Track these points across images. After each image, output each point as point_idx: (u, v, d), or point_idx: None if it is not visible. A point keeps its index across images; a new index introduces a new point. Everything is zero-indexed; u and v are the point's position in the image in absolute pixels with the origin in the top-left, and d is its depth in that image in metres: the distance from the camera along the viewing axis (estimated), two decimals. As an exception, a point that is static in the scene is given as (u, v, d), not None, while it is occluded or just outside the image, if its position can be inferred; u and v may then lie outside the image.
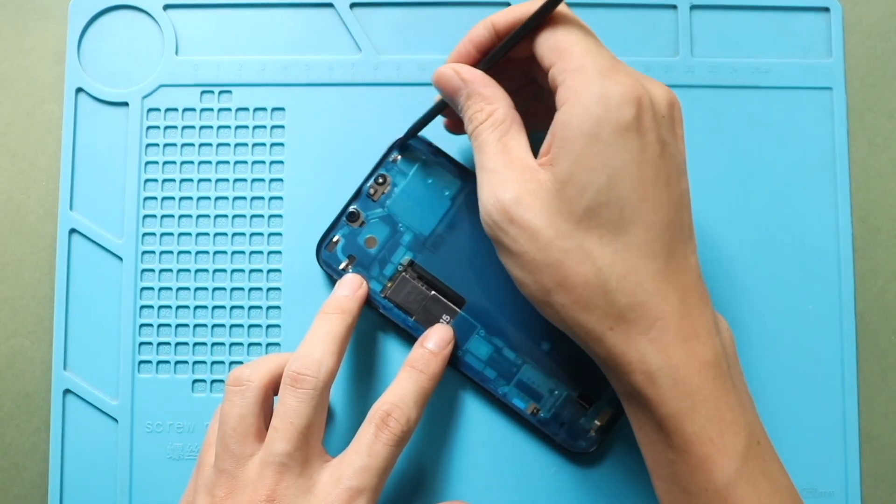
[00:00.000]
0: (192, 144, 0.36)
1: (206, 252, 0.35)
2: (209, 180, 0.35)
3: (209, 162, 0.36)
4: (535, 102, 0.31)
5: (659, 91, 0.27)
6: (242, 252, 0.35)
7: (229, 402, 0.29)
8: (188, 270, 0.35)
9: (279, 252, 0.35)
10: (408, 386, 0.30)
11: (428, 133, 0.34)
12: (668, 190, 0.26)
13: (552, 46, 0.27)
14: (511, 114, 0.28)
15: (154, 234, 0.35)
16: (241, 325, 0.35)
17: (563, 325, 0.27)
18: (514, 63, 0.29)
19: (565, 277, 0.26)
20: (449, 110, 0.31)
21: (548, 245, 0.26)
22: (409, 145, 0.34)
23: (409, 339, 0.34)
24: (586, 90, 0.25)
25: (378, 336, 0.35)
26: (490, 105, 0.28)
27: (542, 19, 0.27)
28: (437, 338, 0.32)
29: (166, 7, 0.36)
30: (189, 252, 0.35)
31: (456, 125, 0.33)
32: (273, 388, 0.30)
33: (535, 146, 0.28)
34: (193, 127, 0.36)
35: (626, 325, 0.26)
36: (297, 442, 0.28)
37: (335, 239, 0.34)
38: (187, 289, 0.35)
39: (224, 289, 0.35)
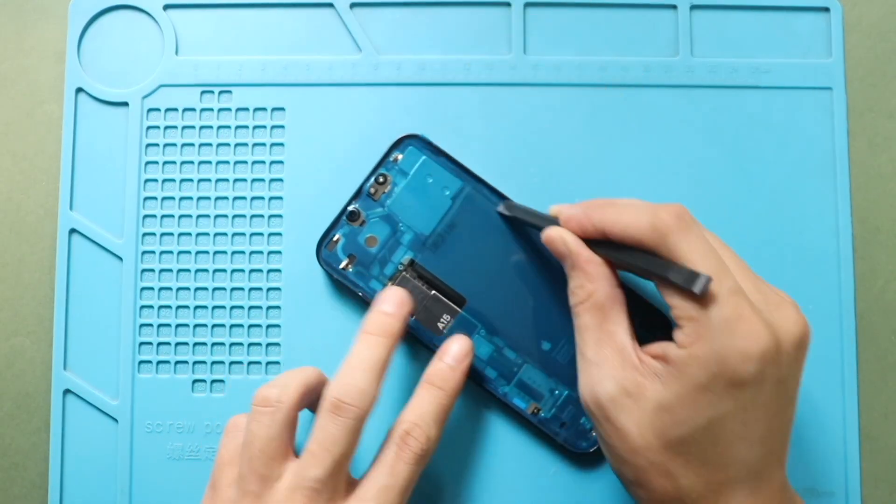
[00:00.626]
0: (192, 144, 0.36)
1: (206, 252, 0.35)
2: (209, 180, 0.35)
3: (209, 162, 0.36)
4: None
5: (790, 327, 0.26)
6: (242, 252, 0.35)
7: (257, 422, 0.28)
8: (188, 270, 0.35)
9: (279, 252, 0.35)
10: (427, 404, 0.30)
11: (428, 132, 0.34)
12: (771, 424, 0.26)
13: (672, 290, 0.27)
14: (612, 294, 0.28)
15: (154, 234, 0.35)
16: (241, 325, 0.35)
17: None
18: None
19: (647, 481, 0.27)
20: None
21: (635, 451, 0.26)
22: (410, 145, 0.34)
23: (409, 339, 0.34)
24: (704, 345, 0.25)
25: (378, 336, 0.35)
26: (591, 284, 0.28)
27: (676, 287, 0.26)
28: (454, 351, 0.31)
29: (166, 7, 0.36)
30: (189, 252, 0.35)
31: None
32: (301, 407, 0.29)
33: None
34: (193, 127, 0.36)
35: None
36: (331, 469, 0.27)
37: (335, 238, 0.34)
38: (187, 289, 0.35)
39: (224, 289, 0.35)
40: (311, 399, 0.30)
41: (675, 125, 0.36)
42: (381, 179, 0.34)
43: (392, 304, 0.31)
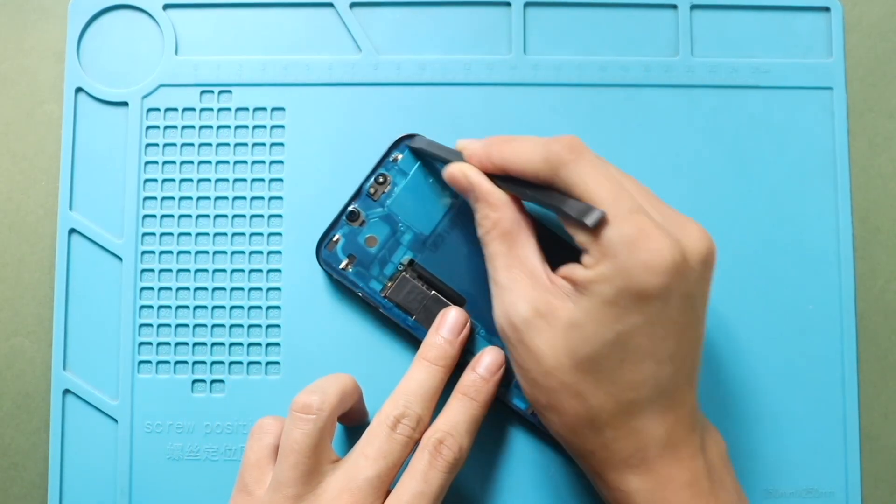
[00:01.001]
0: (192, 144, 0.36)
1: (206, 252, 0.35)
2: (209, 180, 0.35)
3: (209, 162, 0.36)
4: None
5: (695, 244, 0.26)
6: (242, 252, 0.35)
7: (300, 430, 0.28)
8: (188, 270, 0.35)
9: (279, 252, 0.35)
10: (459, 414, 0.30)
11: (428, 133, 0.34)
12: (679, 341, 0.26)
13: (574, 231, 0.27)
14: (518, 220, 0.29)
15: (154, 234, 0.35)
16: (241, 325, 0.35)
17: (554, 435, 0.29)
18: None
19: (559, 403, 0.27)
20: None
21: (548, 372, 0.27)
22: (410, 144, 0.34)
23: (409, 338, 0.34)
24: (609, 262, 0.26)
25: (378, 336, 0.34)
26: (495, 213, 0.29)
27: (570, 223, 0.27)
28: (487, 362, 0.32)
29: (166, 7, 0.36)
30: (189, 252, 0.35)
31: None
32: (339, 413, 0.30)
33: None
34: (193, 127, 0.36)
35: (609, 452, 0.27)
36: (382, 474, 0.28)
37: (335, 238, 0.34)
38: (187, 289, 0.35)
39: (224, 289, 0.35)
40: (346, 407, 0.30)
41: (675, 125, 0.36)
42: (381, 179, 0.34)
43: (450, 331, 0.32)
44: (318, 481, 0.28)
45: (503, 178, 0.30)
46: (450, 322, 0.32)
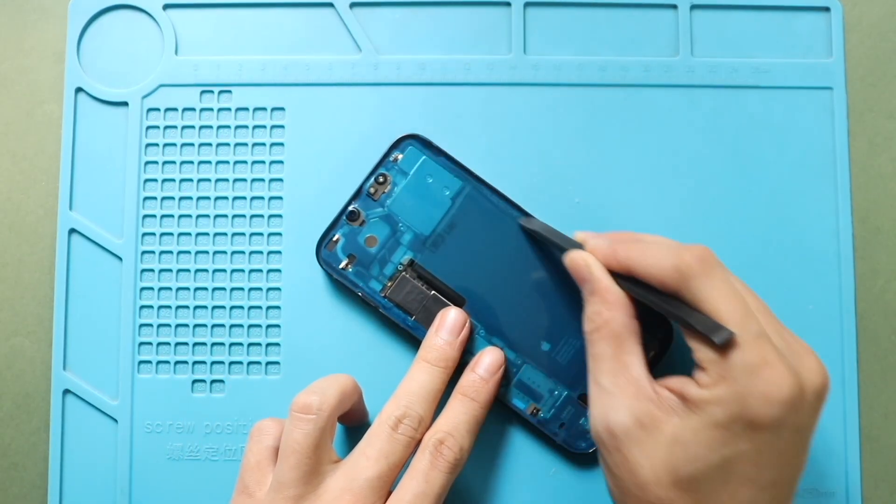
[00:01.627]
0: (192, 144, 0.36)
1: (206, 252, 0.35)
2: (209, 180, 0.35)
3: (209, 162, 0.36)
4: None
5: (812, 377, 0.26)
6: (242, 252, 0.35)
7: (300, 431, 0.28)
8: (188, 270, 0.35)
9: (279, 252, 0.35)
10: (460, 414, 0.30)
11: (428, 132, 0.34)
12: (783, 469, 0.26)
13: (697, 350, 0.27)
14: (629, 325, 0.28)
15: (154, 234, 0.35)
16: (240, 325, 0.35)
17: None
18: None
19: None
20: None
21: (643, 485, 0.26)
22: (410, 145, 0.34)
23: (409, 338, 0.34)
24: (727, 387, 0.25)
25: (378, 336, 0.34)
26: (609, 312, 0.28)
27: (702, 336, 0.26)
28: (487, 363, 0.32)
29: (166, 7, 0.36)
30: (189, 252, 0.35)
31: None
32: (339, 414, 0.30)
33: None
34: (193, 127, 0.36)
35: None
36: (384, 474, 0.28)
37: (335, 238, 0.34)
38: (187, 289, 0.35)
39: (224, 289, 0.35)
40: (345, 407, 0.31)
41: (675, 125, 0.36)
42: (381, 179, 0.34)
43: (450, 332, 0.32)
44: (319, 482, 0.28)
45: (624, 277, 0.29)
46: (449, 323, 0.32)
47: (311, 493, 0.28)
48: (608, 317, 0.28)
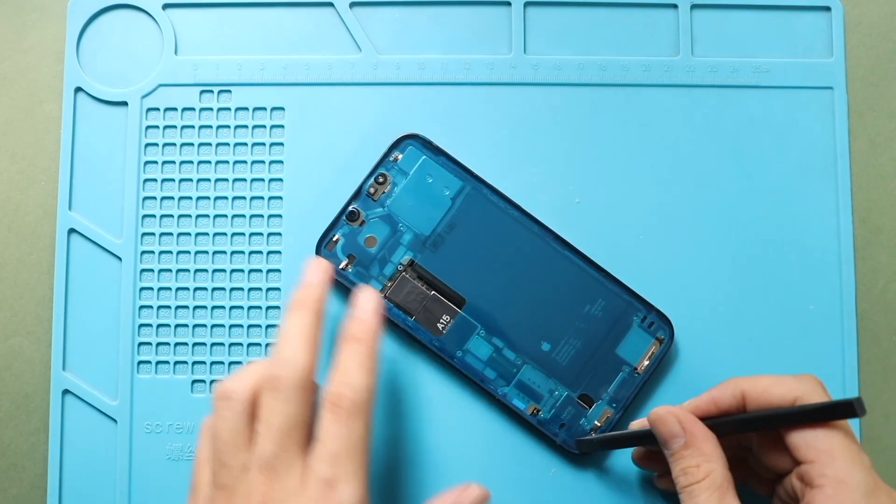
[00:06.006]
0: (192, 144, 0.36)
1: (206, 252, 0.35)
2: (208, 180, 0.35)
3: (208, 162, 0.35)
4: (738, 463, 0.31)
5: None
6: (242, 252, 0.35)
7: (219, 416, 0.28)
8: (187, 270, 0.35)
9: (279, 252, 0.35)
10: (347, 360, 0.29)
11: (428, 132, 0.34)
12: None
13: (812, 443, 0.27)
14: (728, 476, 0.28)
15: (153, 234, 0.35)
16: (240, 325, 0.35)
17: None
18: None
19: None
20: (648, 451, 0.32)
21: None
22: (410, 145, 0.34)
23: (409, 339, 0.34)
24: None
25: (378, 336, 0.34)
26: (709, 464, 0.28)
27: (824, 421, 0.27)
28: (362, 303, 0.31)
29: (165, 6, 0.36)
30: (188, 252, 0.35)
31: (644, 460, 0.33)
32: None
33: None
34: (193, 127, 0.36)
35: None
36: (280, 441, 0.27)
37: (335, 238, 0.34)
38: (186, 289, 0.35)
39: (223, 289, 0.35)
40: None
41: (675, 125, 0.36)
42: (380, 179, 0.34)
43: (310, 274, 0.31)
44: (248, 467, 0.28)
45: (714, 424, 0.29)
46: (305, 269, 0.31)
47: (237, 481, 0.27)
48: (708, 468, 0.28)
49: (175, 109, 0.36)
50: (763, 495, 0.31)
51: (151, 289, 0.35)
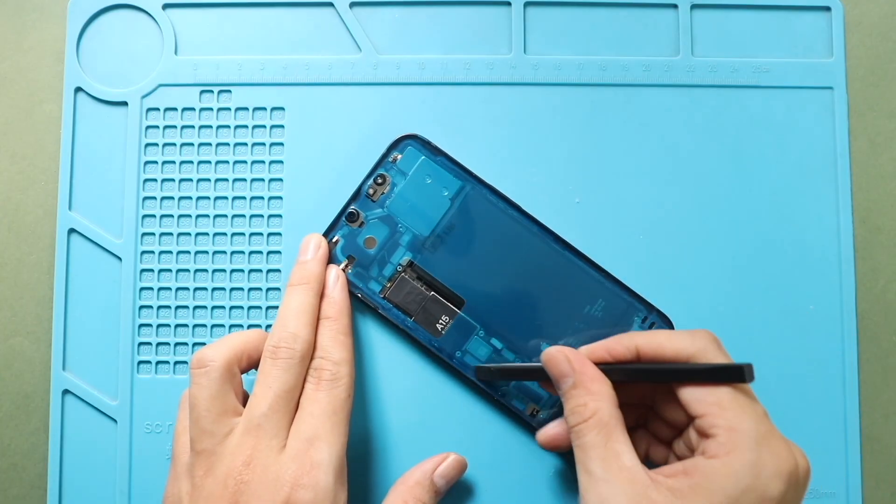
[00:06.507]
0: (192, 144, 0.36)
1: (206, 252, 0.35)
2: (208, 180, 0.35)
3: (208, 162, 0.35)
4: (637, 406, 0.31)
5: (803, 460, 0.27)
6: (242, 252, 0.35)
7: (196, 384, 0.29)
8: (187, 270, 0.35)
9: (279, 252, 0.35)
10: (322, 336, 0.31)
11: (428, 132, 0.34)
12: None
13: (702, 398, 0.27)
14: (616, 414, 0.28)
15: (153, 234, 0.35)
16: (240, 326, 0.35)
17: None
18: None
19: None
20: (552, 434, 0.32)
21: None
22: (409, 145, 0.34)
23: (409, 339, 0.34)
24: (741, 455, 0.25)
25: (377, 336, 0.34)
26: (595, 402, 0.28)
27: (715, 382, 0.27)
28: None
29: (165, 6, 0.36)
30: (188, 252, 0.35)
31: (551, 443, 0.33)
32: (238, 365, 0.30)
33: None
34: (193, 126, 0.36)
35: None
36: (274, 404, 0.29)
37: (334, 239, 0.34)
38: (186, 289, 0.35)
39: (223, 289, 0.35)
40: (247, 356, 0.31)
41: (675, 125, 0.36)
42: (379, 180, 0.34)
43: (309, 251, 0.33)
44: (229, 431, 0.29)
45: (608, 368, 0.29)
46: (303, 246, 0.33)
47: (218, 446, 0.29)
48: (595, 407, 0.28)
49: (175, 109, 0.36)
50: (658, 463, 0.31)
51: (151, 289, 0.35)
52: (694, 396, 0.27)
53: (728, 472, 0.25)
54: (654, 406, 0.31)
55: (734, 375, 0.26)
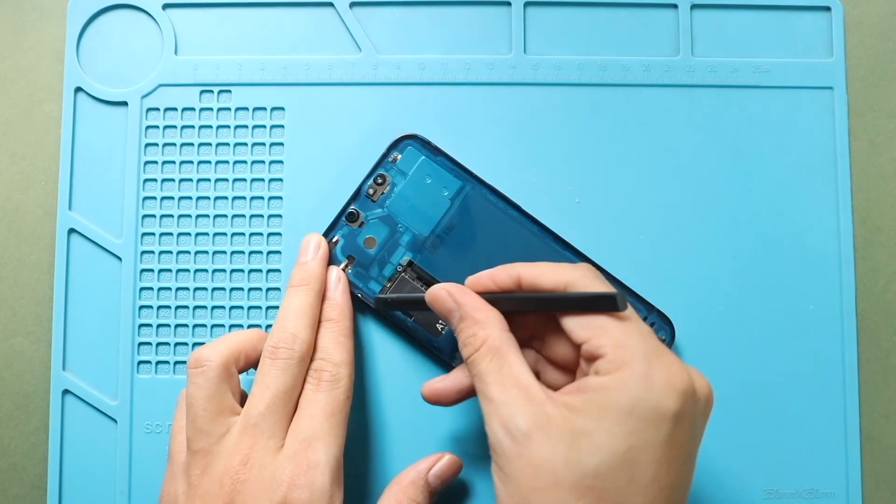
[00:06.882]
0: (192, 144, 0.36)
1: (206, 252, 0.35)
2: (208, 180, 0.35)
3: (208, 162, 0.35)
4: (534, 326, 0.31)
5: (701, 383, 0.27)
6: (242, 252, 0.35)
7: (193, 384, 0.29)
8: (187, 270, 0.35)
9: (279, 252, 0.35)
10: (322, 338, 0.31)
11: (428, 132, 0.34)
12: (679, 473, 0.26)
13: (585, 324, 0.27)
14: (507, 338, 0.28)
15: (153, 234, 0.35)
16: (240, 326, 0.35)
17: None
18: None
19: None
20: (434, 388, 0.31)
21: (543, 489, 0.25)
22: (409, 145, 0.34)
23: (408, 339, 0.34)
24: (630, 368, 0.25)
25: (377, 336, 0.34)
26: (483, 330, 0.28)
27: (591, 311, 0.27)
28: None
29: (165, 6, 0.36)
30: (188, 252, 0.35)
31: (434, 397, 0.32)
32: (235, 364, 0.30)
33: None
34: (193, 126, 0.36)
35: None
36: (271, 404, 0.29)
37: (334, 239, 0.34)
38: (186, 289, 0.35)
39: (223, 289, 0.35)
40: (245, 355, 0.31)
41: (675, 125, 0.36)
42: (379, 180, 0.34)
43: (309, 252, 0.33)
44: (225, 430, 0.29)
45: (492, 300, 0.29)
46: (303, 247, 0.33)
47: (215, 445, 0.29)
48: (484, 335, 0.28)
49: (175, 109, 0.36)
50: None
51: (151, 289, 0.35)
52: (577, 323, 0.27)
53: (618, 386, 0.25)
54: (545, 347, 0.30)
55: (609, 303, 0.26)
